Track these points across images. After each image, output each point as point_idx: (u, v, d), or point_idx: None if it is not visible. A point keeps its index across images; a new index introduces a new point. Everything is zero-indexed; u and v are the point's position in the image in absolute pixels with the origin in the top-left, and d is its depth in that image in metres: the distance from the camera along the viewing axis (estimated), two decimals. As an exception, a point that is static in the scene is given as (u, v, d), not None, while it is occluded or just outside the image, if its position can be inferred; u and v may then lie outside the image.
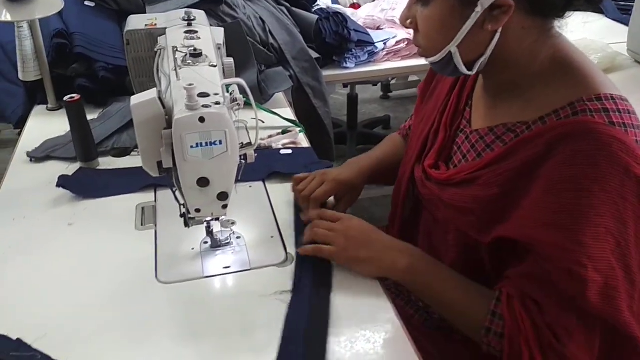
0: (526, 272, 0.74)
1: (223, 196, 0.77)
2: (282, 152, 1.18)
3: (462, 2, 0.73)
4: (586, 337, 0.71)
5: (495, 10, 0.72)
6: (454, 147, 0.89)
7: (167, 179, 0.79)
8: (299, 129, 1.28)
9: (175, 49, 0.82)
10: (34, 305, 0.81)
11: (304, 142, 1.24)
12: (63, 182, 1.05)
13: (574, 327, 0.71)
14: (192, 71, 0.79)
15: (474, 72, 0.79)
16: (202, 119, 0.69)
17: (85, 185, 1.06)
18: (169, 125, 0.72)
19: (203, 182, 0.74)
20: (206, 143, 0.70)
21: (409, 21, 0.81)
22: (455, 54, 0.76)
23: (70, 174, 1.10)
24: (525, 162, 0.73)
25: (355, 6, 2.13)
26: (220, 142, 0.71)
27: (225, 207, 0.78)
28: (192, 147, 0.70)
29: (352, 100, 2.77)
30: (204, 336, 0.75)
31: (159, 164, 0.76)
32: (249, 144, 0.77)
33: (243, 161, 0.77)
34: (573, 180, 0.68)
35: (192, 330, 0.76)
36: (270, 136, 1.25)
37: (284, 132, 1.26)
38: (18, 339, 0.74)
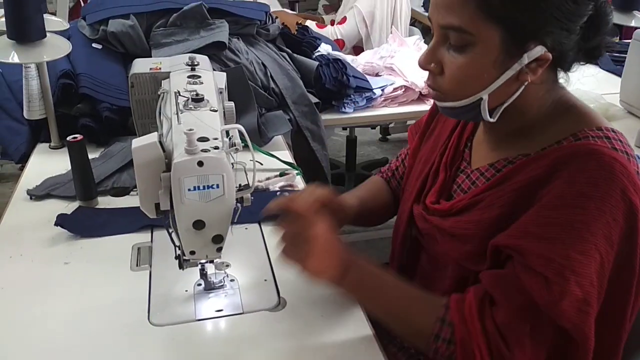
0: (496, 273, 0.75)
1: (218, 239, 0.77)
2: (279, 194, 1.20)
3: (507, 54, 0.72)
4: (533, 350, 0.71)
5: (532, 62, 0.72)
6: (454, 186, 0.90)
7: (163, 220, 0.80)
8: (297, 171, 1.30)
9: (177, 94, 0.84)
10: (24, 345, 0.80)
11: (301, 184, 1.26)
12: (61, 221, 1.06)
13: (525, 336, 0.71)
14: (192, 115, 0.81)
15: (495, 119, 0.78)
16: (200, 163, 0.70)
17: (83, 224, 1.07)
18: (168, 168, 0.74)
19: (199, 224, 0.75)
20: (204, 187, 0.72)
21: (432, 65, 0.77)
22: (485, 101, 0.76)
23: (69, 212, 1.10)
24: (528, 182, 0.74)
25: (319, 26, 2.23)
26: (218, 186, 0.72)
27: (219, 250, 0.79)
28: (189, 190, 0.72)
29: (351, 142, 2.81)
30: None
31: (157, 205, 0.77)
32: (247, 186, 0.79)
33: (239, 204, 0.78)
34: (570, 196, 0.70)
35: (182, 374, 0.76)
36: (268, 178, 1.26)
37: (281, 175, 1.28)
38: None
